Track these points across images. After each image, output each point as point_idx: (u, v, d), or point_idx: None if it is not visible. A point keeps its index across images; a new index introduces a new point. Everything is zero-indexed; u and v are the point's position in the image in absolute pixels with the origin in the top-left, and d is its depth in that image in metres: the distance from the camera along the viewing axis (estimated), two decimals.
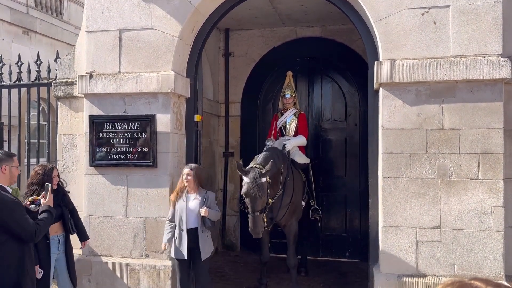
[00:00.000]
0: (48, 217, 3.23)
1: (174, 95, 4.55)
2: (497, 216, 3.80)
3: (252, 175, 4.23)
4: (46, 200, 3.32)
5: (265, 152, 4.80)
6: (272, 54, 6.92)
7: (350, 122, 6.71)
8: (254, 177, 4.22)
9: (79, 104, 4.94)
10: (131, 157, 4.58)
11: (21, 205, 3.18)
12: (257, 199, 4.22)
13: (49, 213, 3.25)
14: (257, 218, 4.23)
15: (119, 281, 4.57)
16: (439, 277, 3.86)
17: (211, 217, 4.10)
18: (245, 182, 4.25)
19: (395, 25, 3.99)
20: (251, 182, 4.20)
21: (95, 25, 4.69)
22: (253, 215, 4.23)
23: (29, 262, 3.09)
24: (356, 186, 6.50)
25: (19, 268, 3.01)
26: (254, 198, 4.21)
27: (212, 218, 4.13)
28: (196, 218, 4.08)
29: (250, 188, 4.19)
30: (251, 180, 4.21)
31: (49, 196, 3.35)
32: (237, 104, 7.10)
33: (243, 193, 4.29)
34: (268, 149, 4.96)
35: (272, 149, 4.94)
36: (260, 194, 4.20)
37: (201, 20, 4.71)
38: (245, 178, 4.27)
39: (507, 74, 3.75)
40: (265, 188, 4.28)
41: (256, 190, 4.18)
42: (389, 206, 3.98)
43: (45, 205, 3.30)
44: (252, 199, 4.22)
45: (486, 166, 3.82)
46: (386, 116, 4.01)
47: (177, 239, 4.09)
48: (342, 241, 6.61)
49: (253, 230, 4.25)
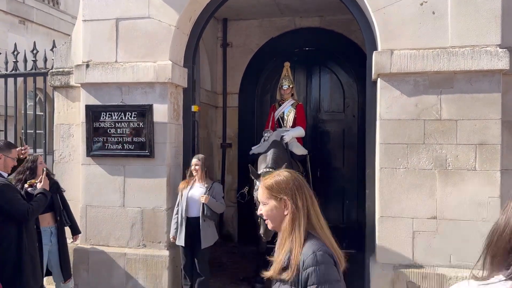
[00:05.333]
0: (42, 198, 3.42)
1: (171, 85, 4.52)
2: (493, 207, 3.80)
3: None
4: (41, 184, 3.51)
5: (272, 150, 4.68)
6: (270, 45, 6.89)
7: (348, 114, 6.70)
8: None
9: (75, 93, 4.91)
10: (128, 147, 4.56)
11: (12, 187, 3.36)
12: None
13: (44, 195, 3.45)
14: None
15: (117, 271, 4.58)
16: (435, 267, 3.88)
17: (212, 206, 4.13)
18: (258, 187, 4.15)
19: (393, 15, 3.97)
20: None
21: (91, 14, 4.64)
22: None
23: (28, 240, 3.27)
24: (353, 177, 6.51)
25: (18, 247, 3.20)
26: None
27: (213, 208, 4.17)
28: (199, 207, 4.15)
29: None
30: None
31: (44, 179, 3.53)
32: (235, 95, 7.08)
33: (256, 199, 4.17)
34: (272, 145, 4.86)
35: (274, 144, 4.88)
36: None
37: (198, 9, 4.67)
38: (258, 183, 4.17)
39: (505, 65, 3.73)
40: None
41: None
42: (386, 197, 3.99)
43: (40, 188, 3.49)
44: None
45: (483, 157, 3.82)
46: (384, 106, 4.00)
47: (179, 226, 4.22)
48: (339, 232, 6.49)
49: (265, 234, 4.12)
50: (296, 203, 1.70)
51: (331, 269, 1.60)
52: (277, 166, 4.39)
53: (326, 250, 1.64)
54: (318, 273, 1.56)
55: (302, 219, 1.68)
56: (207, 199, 4.11)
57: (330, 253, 1.64)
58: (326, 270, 1.58)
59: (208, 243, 4.19)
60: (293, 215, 1.69)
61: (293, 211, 1.70)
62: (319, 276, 1.56)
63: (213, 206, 4.16)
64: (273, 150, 4.69)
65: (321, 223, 1.73)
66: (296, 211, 1.69)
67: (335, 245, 1.71)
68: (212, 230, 4.25)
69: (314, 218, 1.71)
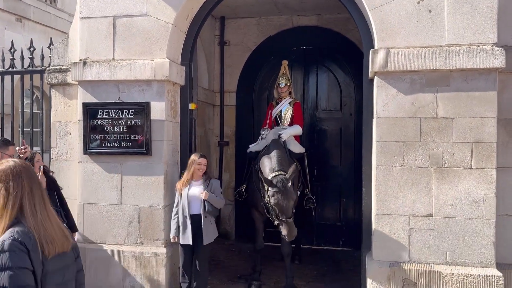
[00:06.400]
0: None
1: (168, 83, 4.53)
2: (489, 205, 3.83)
3: (280, 184, 4.20)
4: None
5: (275, 152, 4.71)
6: (268, 43, 6.89)
7: (345, 112, 6.72)
8: (283, 185, 4.19)
9: (72, 91, 4.91)
10: (125, 145, 4.57)
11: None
12: (289, 206, 4.19)
13: None
14: (291, 224, 4.18)
15: (114, 269, 4.58)
16: (431, 264, 3.90)
17: (212, 202, 4.17)
18: (274, 193, 4.20)
19: (390, 13, 3.98)
20: (280, 192, 4.17)
21: (89, 12, 4.64)
22: (287, 222, 4.18)
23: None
24: (350, 175, 6.53)
25: None
26: (286, 206, 4.18)
27: (213, 204, 4.19)
28: (199, 204, 4.16)
29: (281, 199, 4.15)
30: (280, 190, 4.18)
31: (41, 176, 3.50)
32: (233, 93, 7.08)
33: (274, 205, 4.21)
34: (272, 145, 4.90)
35: (274, 143, 4.91)
36: (289, 200, 4.19)
37: (196, 7, 4.67)
38: (272, 189, 4.22)
39: (501, 63, 3.75)
40: (292, 192, 4.28)
41: (287, 198, 4.17)
42: (382, 195, 4.00)
43: None
44: (284, 208, 4.18)
45: (479, 155, 3.84)
46: (380, 104, 4.01)
47: (182, 226, 4.20)
48: (336, 230, 6.66)
49: (290, 234, 4.19)
50: (8, 190, 1.81)
51: (16, 257, 1.72)
52: (283, 168, 4.43)
53: (20, 238, 1.74)
54: (1, 260, 1.71)
55: (11, 206, 1.80)
56: (207, 195, 4.12)
57: (24, 241, 1.74)
58: (10, 258, 1.71)
59: (209, 240, 4.21)
60: (3, 201, 1.81)
61: (3, 196, 1.81)
62: (1, 263, 1.71)
63: (213, 202, 4.18)
64: (276, 152, 4.71)
65: (37, 212, 1.83)
66: (6, 197, 1.81)
67: (51, 234, 1.82)
68: (213, 227, 4.28)
69: (28, 207, 1.81)
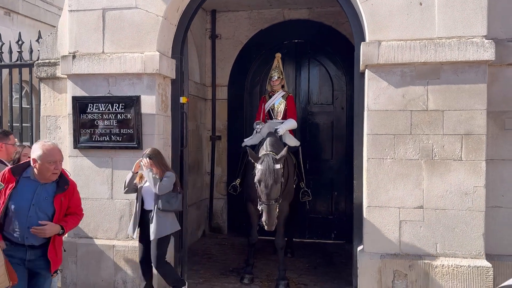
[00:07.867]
0: None
1: (159, 76, 4.49)
2: (478, 196, 3.86)
3: (266, 161, 4.09)
4: None
5: (268, 138, 4.70)
6: (259, 37, 6.87)
7: (337, 106, 6.73)
8: (268, 163, 4.07)
9: (62, 85, 4.86)
10: (116, 139, 4.53)
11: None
12: (273, 187, 4.05)
13: None
14: (272, 207, 4.04)
15: (105, 263, 4.57)
16: (421, 256, 3.94)
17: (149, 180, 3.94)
18: (259, 169, 4.09)
19: (381, 6, 3.98)
20: (265, 169, 4.05)
21: (78, 4, 4.58)
22: (268, 204, 4.04)
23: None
24: (342, 169, 6.56)
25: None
26: (270, 186, 4.04)
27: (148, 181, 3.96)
28: (152, 198, 4.00)
29: (264, 175, 4.02)
30: (265, 166, 4.06)
31: None
32: (224, 87, 7.06)
33: (256, 181, 4.08)
34: (269, 134, 4.89)
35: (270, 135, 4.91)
36: (275, 181, 4.04)
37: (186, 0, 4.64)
38: (258, 165, 4.11)
39: (491, 56, 3.77)
40: (279, 174, 4.14)
41: (272, 176, 4.02)
42: (373, 187, 4.02)
43: None
44: (267, 187, 4.05)
45: (469, 147, 3.87)
46: (371, 97, 4.02)
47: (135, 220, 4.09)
48: (328, 223, 6.69)
49: (268, 221, 4.05)
50: None
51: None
52: (274, 149, 4.39)
53: None
54: None
55: None
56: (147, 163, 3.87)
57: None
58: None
59: (157, 235, 3.96)
60: None
61: None
62: None
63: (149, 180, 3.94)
64: (270, 138, 4.71)
65: None
66: None
67: None
68: (162, 221, 3.99)
69: None
